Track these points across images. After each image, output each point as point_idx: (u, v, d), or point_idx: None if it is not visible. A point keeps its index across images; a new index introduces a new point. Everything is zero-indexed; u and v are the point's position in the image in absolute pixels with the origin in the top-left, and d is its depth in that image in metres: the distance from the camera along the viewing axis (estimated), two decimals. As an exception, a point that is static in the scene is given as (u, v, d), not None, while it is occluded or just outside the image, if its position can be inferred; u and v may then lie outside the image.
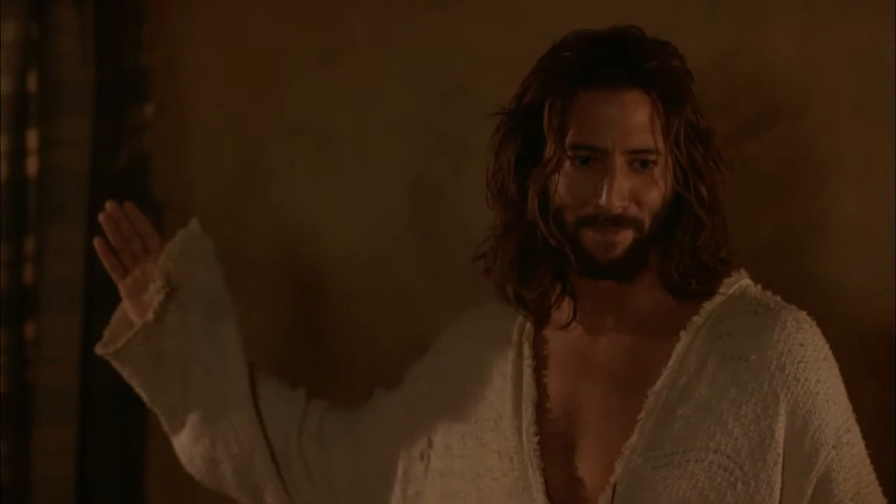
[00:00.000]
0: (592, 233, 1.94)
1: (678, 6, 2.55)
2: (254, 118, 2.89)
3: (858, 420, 1.99)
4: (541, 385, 2.03)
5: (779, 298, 2.02)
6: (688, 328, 1.98)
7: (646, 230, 1.95)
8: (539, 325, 2.08)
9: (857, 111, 2.42)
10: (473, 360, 2.12)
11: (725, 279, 2.02)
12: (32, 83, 2.79)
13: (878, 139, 2.41)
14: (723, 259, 2.01)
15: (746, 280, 2.04)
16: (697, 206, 1.96)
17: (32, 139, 2.80)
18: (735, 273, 2.03)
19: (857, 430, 1.98)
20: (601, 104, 1.93)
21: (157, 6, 2.92)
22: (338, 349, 2.84)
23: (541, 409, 2.01)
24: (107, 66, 2.87)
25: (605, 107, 1.93)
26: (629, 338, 2.00)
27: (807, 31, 2.46)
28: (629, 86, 1.93)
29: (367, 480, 2.24)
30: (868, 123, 2.41)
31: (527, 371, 2.04)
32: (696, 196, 1.96)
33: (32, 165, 2.80)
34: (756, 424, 1.92)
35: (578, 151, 1.93)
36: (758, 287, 2.04)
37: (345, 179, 2.82)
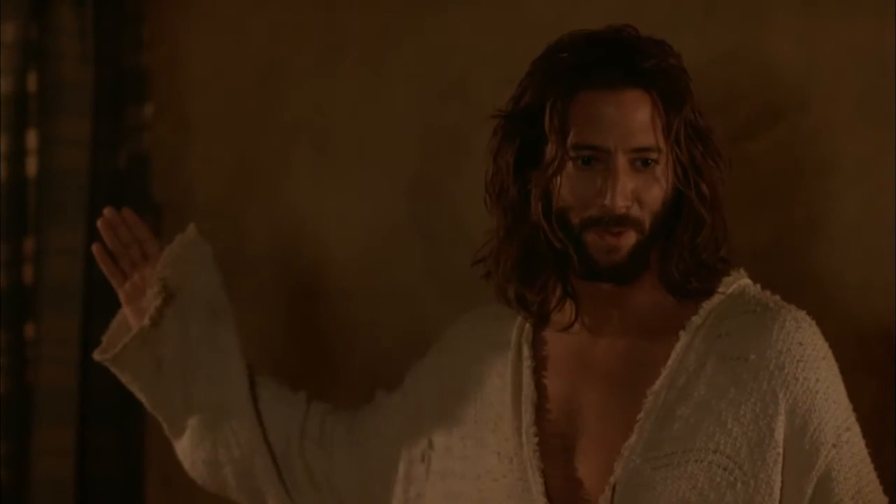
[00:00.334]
0: (596, 237, 1.93)
1: (677, 6, 2.55)
2: (253, 119, 2.89)
3: (858, 419, 1.98)
4: (540, 386, 2.03)
5: (778, 298, 2.01)
6: (687, 328, 1.97)
7: (646, 230, 1.94)
8: (539, 327, 2.07)
9: (857, 111, 2.42)
10: (473, 362, 2.12)
11: (724, 278, 2.01)
12: (32, 83, 2.80)
13: (878, 139, 2.41)
14: (722, 257, 2.00)
15: (745, 279, 2.04)
16: (698, 204, 1.96)
17: (32, 139, 2.81)
18: (734, 272, 2.03)
19: (857, 429, 1.97)
20: (602, 104, 1.92)
21: (157, 7, 2.92)
22: (337, 350, 2.84)
23: (540, 410, 2.01)
24: (106, 67, 2.87)
25: (606, 106, 1.92)
26: (628, 338, 2.00)
27: (806, 32, 2.46)
28: (629, 85, 1.93)
29: (369, 482, 2.24)
30: (867, 123, 2.41)
31: (526, 372, 2.04)
32: (697, 193, 1.96)
33: (32, 166, 2.81)
34: (755, 424, 1.91)
35: (580, 152, 1.93)
36: (757, 286, 2.04)
37: (344, 180, 2.82)
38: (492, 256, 2.04)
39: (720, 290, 2.00)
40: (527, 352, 2.06)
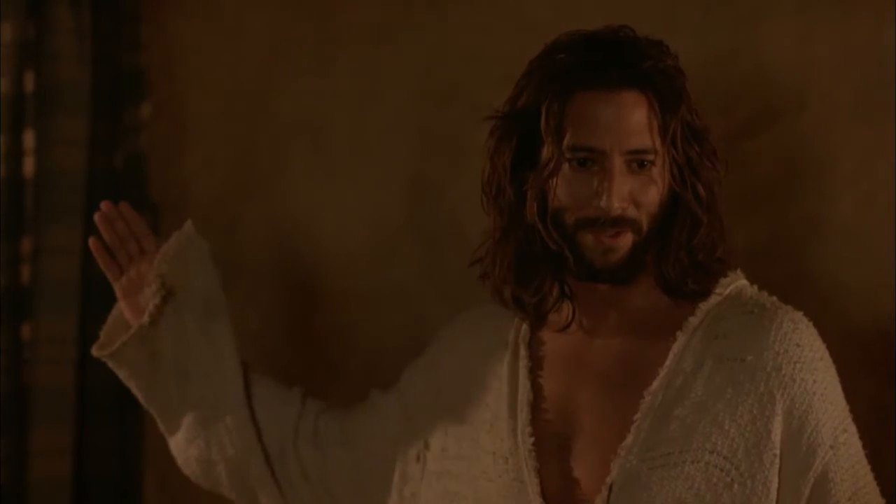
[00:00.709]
0: (592, 237, 1.93)
1: (675, 7, 2.55)
2: (250, 119, 2.90)
3: (855, 419, 1.98)
4: (536, 386, 2.03)
5: (775, 299, 2.01)
6: (684, 329, 1.97)
7: (643, 232, 1.94)
8: (535, 328, 2.07)
9: (854, 112, 2.42)
10: (469, 362, 2.12)
11: (722, 279, 2.01)
12: (29, 83, 2.80)
13: (875, 140, 2.41)
14: (719, 258, 2.00)
15: (743, 280, 2.04)
16: (694, 204, 1.95)
17: (29, 139, 2.80)
18: (731, 273, 2.03)
19: (854, 430, 1.97)
20: (598, 105, 1.92)
21: (154, 7, 2.93)
22: (334, 350, 2.84)
23: (536, 411, 2.01)
24: (104, 67, 2.88)
25: (603, 108, 1.92)
26: (625, 339, 2.00)
27: (803, 32, 2.46)
28: (625, 86, 1.93)
29: (364, 481, 2.23)
30: (864, 124, 2.41)
31: (522, 372, 2.04)
32: (693, 194, 1.95)
33: (29, 165, 2.81)
34: (752, 425, 1.91)
35: (576, 153, 1.93)
36: (754, 287, 2.04)
37: (341, 180, 2.82)
38: (488, 257, 2.04)
39: (717, 291, 2.00)
40: (523, 352, 2.06)
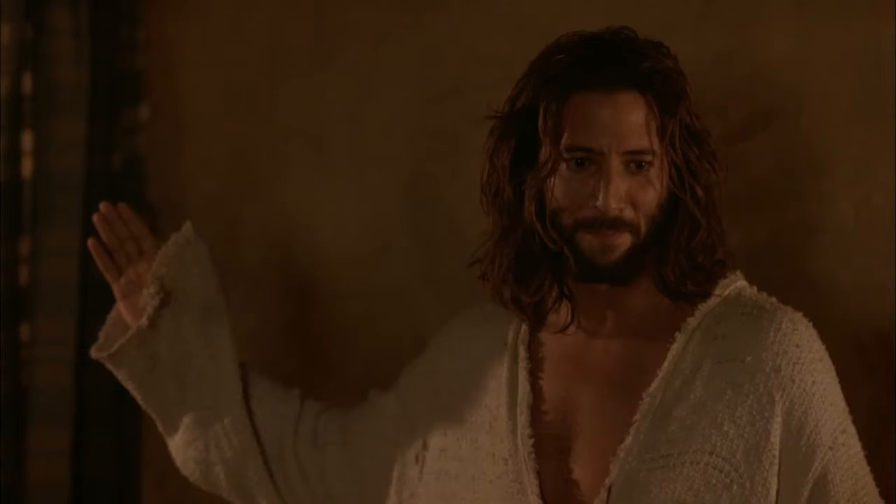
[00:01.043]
0: (590, 237, 1.93)
1: (672, 7, 2.55)
2: (248, 120, 2.89)
3: (854, 421, 1.98)
4: (536, 387, 2.03)
5: (774, 300, 2.01)
6: (683, 330, 1.97)
7: (641, 234, 1.94)
8: (534, 329, 2.07)
9: (852, 112, 2.42)
10: (468, 363, 2.12)
11: (721, 280, 2.01)
12: (27, 85, 2.80)
13: (873, 140, 2.41)
14: (718, 260, 2.00)
15: (742, 281, 2.04)
16: (693, 206, 1.96)
17: (27, 140, 2.80)
18: (731, 274, 2.03)
19: (854, 431, 1.98)
20: (596, 106, 1.92)
21: (152, 8, 2.92)
22: (332, 351, 2.84)
23: (536, 412, 2.01)
24: (101, 68, 2.87)
25: (601, 108, 1.92)
26: (624, 340, 2.00)
27: (801, 33, 2.46)
28: (624, 87, 1.93)
29: (363, 482, 2.23)
30: (862, 125, 2.41)
31: (522, 374, 2.04)
32: (692, 196, 1.96)
33: (27, 167, 2.81)
34: (752, 426, 1.91)
35: (574, 154, 1.93)
36: (753, 289, 2.04)
37: (339, 181, 2.82)
38: (488, 258, 2.04)
39: (717, 293, 2.00)
40: (523, 353, 2.06)
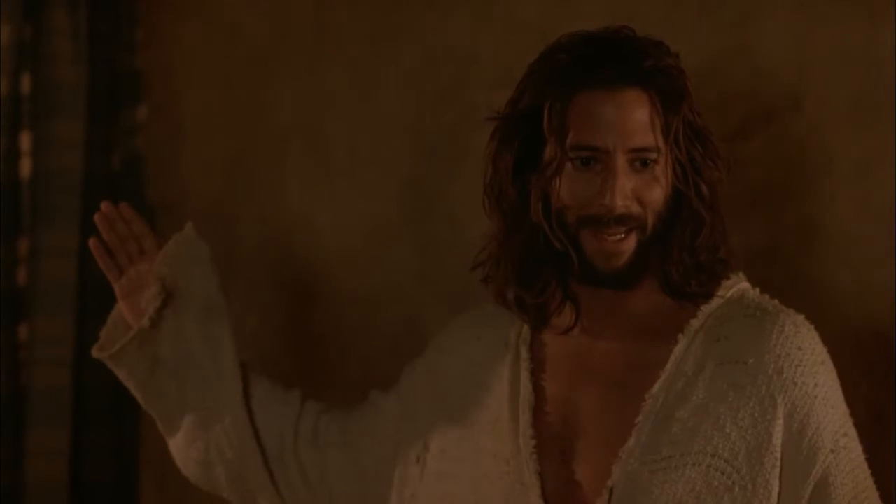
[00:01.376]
0: (595, 238, 1.93)
1: (670, 7, 2.55)
2: (247, 120, 2.90)
3: (853, 421, 1.98)
4: (538, 388, 2.02)
5: (777, 302, 2.01)
6: (685, 331, 1.97)
7: (648, 230, 1.94)
8: (537, 330, 2.07)
9: (850, 113, 2.42)
10: (470, 363, 2.12)
11: (724, 282, 2.01)
12: (26, 85, 2.80)
13: (871, 141, 2.40)
14: (721, 259, 2.00)
15: (744, 283, 2.04)
16: (698, 203, 1.96)
17: (26, 141, 2.81)
18: (733, 276, 2.03)
19: (855, 435, 1.98)
20: (601, 104, 1.92)
21: (151, 8, 2.92)
22: (330, 351, 2.84)
23: (538, 413, 2.00)
24: (100, 68, 2.88)
25: (605, 107, 1.92)
26: (627, 341, 2.00)
27: (799, 33, 2.46)
28: (627, 85, 1.93)
29: (363, 482, 2.23)
30: (860, 125, 2.41)
31: (524, 374, 2.04)
32: (697, 193, 1.96)
33: (26, 167, 2.81)
34: (754, 428, 1.91)
35: (579, 152, 1.93)
36: (756, 290, 2.04)
37: (338, 181, 2.82)
38: (491, 260, 2.04)
39: (719, 294, 2.00)
40: (525, 354, 2.05)
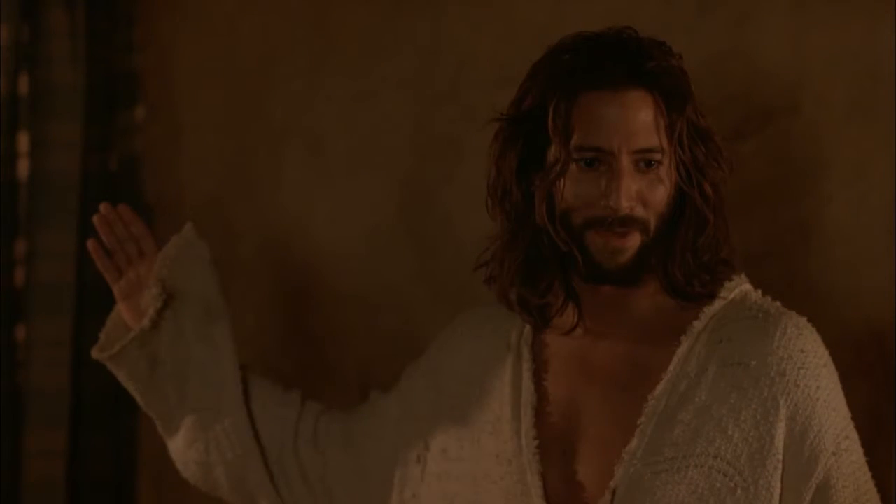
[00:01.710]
0: (600, 238, 1.93)
1: (668, 7, 2.55)
2: (245, 121, 2.89)
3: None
4: (540, 389, 2.02)
5: (779, 304, 2.01)
6: (688, 333, 1.97)
7: (651, 231, 1.94)
8: (539, 330, 2.07)
9: (848, 113, 2.43)
10: (471, 364, 2.12)
11: (726, 283, 2.01)
12: (23, 86, 2.80)
13: (869, 142, 2.41)
14: (724, 259, 2.01)
15: (747, 285, 2.04)
16: (701, 203, 1.96)
17: (23, 142, 2.80)
18: (736, 277, 2.03)
19: (856, 437, 1.98)
20: (605, 105, 1.92)
21: (148, 9, 2.92)
22: (329, 352, 2.84)
23: (540, 413, 2.00)
24: (97, 69, 2.87)
25: (609, 107, 1.92)
26: (629, 343, 2.00)
27: (797, 33, 2.47)
28: (631, 85, 1.93)
29: (364, 483, 2.23)
30: (859, 126, 2.42)
31: (526, 375, 2.04)
32: (700, 193, 1.96)
33: (23, 168, 2.81)
34: (756, 430, 1.92)
35: (584, 153, 1.93)
36: (758, 292, 2.04)
37: (335, 182, 2.82)
38: (495, 261, 2.04)
39: (722, 296, 2.00)
40: (526, 354, 2.05)
